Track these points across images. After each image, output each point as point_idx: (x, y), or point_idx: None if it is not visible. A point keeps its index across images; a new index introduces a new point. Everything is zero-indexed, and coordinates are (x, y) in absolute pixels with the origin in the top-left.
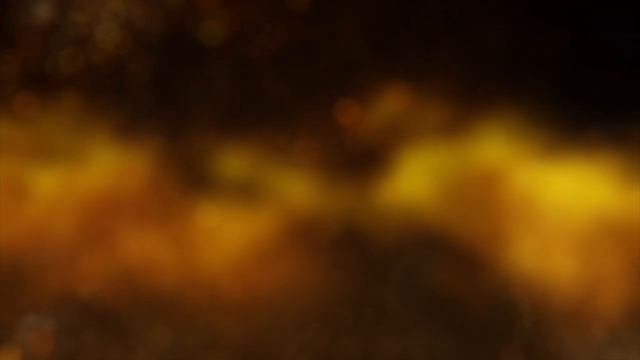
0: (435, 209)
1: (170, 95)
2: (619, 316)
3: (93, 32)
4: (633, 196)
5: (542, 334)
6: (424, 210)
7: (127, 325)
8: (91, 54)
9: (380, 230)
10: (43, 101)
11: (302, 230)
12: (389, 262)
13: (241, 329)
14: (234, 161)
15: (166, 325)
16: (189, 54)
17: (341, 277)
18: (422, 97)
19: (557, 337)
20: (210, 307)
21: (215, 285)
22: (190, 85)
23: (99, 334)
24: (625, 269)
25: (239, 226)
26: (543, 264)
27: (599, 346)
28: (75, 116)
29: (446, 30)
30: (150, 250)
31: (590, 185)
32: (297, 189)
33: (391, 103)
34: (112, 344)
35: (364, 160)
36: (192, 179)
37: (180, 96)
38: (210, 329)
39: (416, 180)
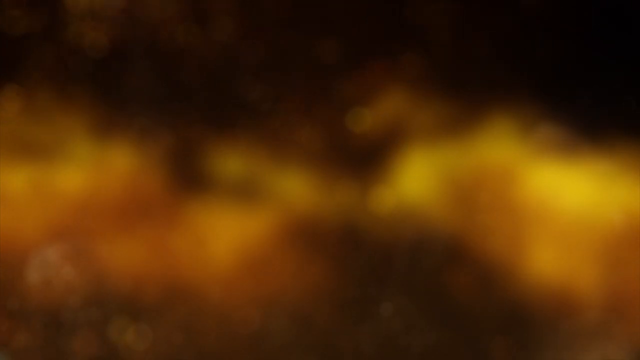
0: (437, 210)
1: (157, 90)
2: None
3: (74, 27)
4: None
5: (562, 341)
6: (425, 210)
7: (113, 328)
8: (73, 48)
9: (381, 231)
10: (17, 96)
11: (301, 230)
12: (389, 263)
13: (239, 330)
14: (230, 160)
15: (159, 329)
16: (174, 54)
17: (341, 278)
18: (423, 95)
19: (578, 345)
20: (207, 310)
21: (212, 287)
22: (178, 82)
23: (81, 340)
24: None
25: (236, 227)
26: (560, 269)
27: (623, 354)
28: (51, 111)
29: (448, 28)
30: (139, 252)
31: (610, 185)
32: (296, 189)
33: (391, 102)
34: (95, 349)
35: (364, 160)
36: (185, 178)
37: (168, 92)
38: (206, 330)
39: (417, 180)
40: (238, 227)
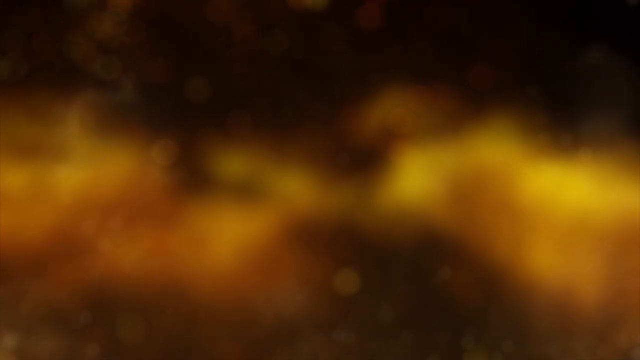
0: (437, 210)
1: (161, 90)
2: None
3: (79, 24)
4: None
5: (561, 340)
6: (425, 210)
7: (118, 330)
8: (75, 44)
9: (381, 231)
10: (19, 94)
11: (301, 230)
12: (389, 263)
13: (239, 330)
14: (232, 161)
15: (160, 328)
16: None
17: (341, 278)
18: (423, 95)
19: (576, 342)
20: (208, 308)
21: (214, 286)
22: (183, 79)
23: (85, 342)
24: None
25: (237, 226)
26: (558, 267)
27: (621, 352)
28: (52, 111)
29: (449, 30)
30: (141, 253)
31: (607, 185)
32: (296, 189)
33: (391, 103)
34: (100, 350)
35: (364, 160)
36: (186, 178)
37: (172, 91)
38: (207, 330)
39: (417, 180)
40: (239, 226)
